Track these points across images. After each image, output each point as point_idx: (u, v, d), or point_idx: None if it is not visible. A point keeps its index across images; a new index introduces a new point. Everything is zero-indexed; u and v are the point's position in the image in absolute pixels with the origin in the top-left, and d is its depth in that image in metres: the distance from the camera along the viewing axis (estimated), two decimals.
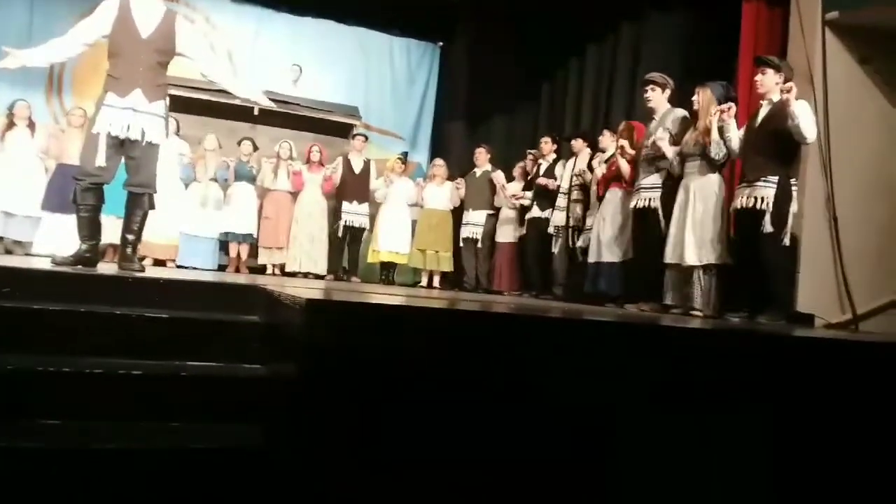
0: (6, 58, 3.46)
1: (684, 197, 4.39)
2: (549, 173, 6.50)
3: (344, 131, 7.94)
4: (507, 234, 7.01)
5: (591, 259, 5.35)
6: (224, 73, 4.04)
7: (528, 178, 6.86)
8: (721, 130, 4.21)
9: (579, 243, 5.77)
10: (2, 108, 6.62)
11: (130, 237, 3.60)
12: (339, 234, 7.24)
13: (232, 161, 6.91)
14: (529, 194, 6.69)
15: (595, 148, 6.00)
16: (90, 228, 3.52)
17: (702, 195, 4.31)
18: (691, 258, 4.27)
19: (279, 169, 7.05)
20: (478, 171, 7.38)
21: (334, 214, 7.29)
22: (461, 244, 7.34)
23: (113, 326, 2.42)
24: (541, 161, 6.73)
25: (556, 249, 6.14)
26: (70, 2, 7.67)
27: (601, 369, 2.06)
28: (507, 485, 1.93)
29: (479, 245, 7.20)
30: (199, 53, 3.74)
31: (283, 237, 7.04)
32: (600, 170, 5.57)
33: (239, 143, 7.06)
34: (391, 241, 7.34)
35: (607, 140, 5.69)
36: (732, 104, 4.25)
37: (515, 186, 7.00)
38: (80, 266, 3.37)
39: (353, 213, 7.28)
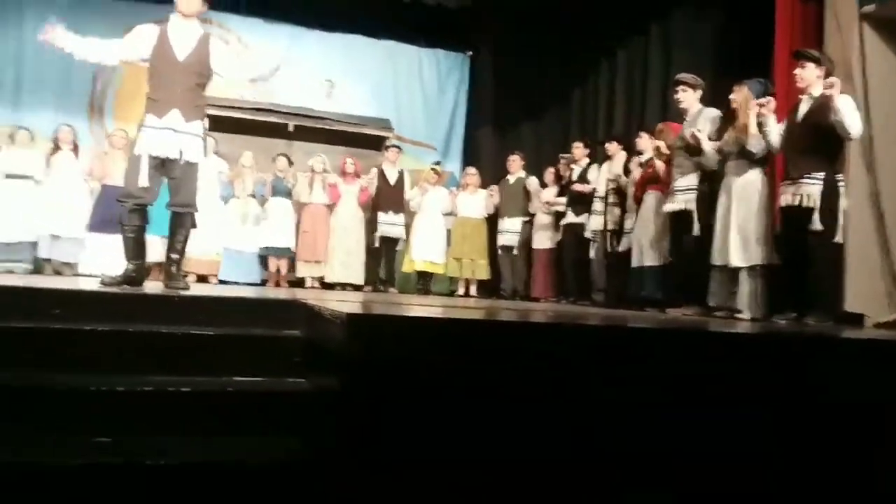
0: (53, 32, 3.54)
1: (726, 198, 4.32)
2: (583, 178, 6.47)
3: (377, 144, 8.03)
4: (543, 240, 6.99)
5: (634, 264, 5.31)
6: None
7: (562, 182, 6.84)
8: (760, 125, 4.15)
9: (620, 248, 5.73)
10: (47, 133, 6.87)
11: (175, 256, 3.68)
12: (376, 244, 7.32)
13: (269, 177, 7.04)
14: (563, 200, 6.66)
15: (630, 151, 5.95)
16: (136, 249, 3.61)
17: (744, 195, 4.23)
18: (737, 260, 4.20)
19: (314, 182, 7.16)
20: (511, 179, 7.38)
21: (370, 225, 7.37)
22: (498, 252, 7.34)
23: (161, 344, 2.48)
24: (573, 166, 6.70)
25: (593, 254, 6.11)
26: (105, 20, 7.95)
27: (643, 375, 2.05)
28: (551, 487, 1.92)
29: (516, 252, 7.20)
30: (227, 70, 3.81)
31: (321, 250, 7.14)
32: (637, 172, 5.53)
33: (274, 160, 7.19)
34: (426, 250, 7.38)
35: (644, 142, 5.62)
36: (771, 98, 4.18)
37: (549, 192, 6.98)
38: (126, 286, 3.46)
39: (389, 223, 7.36)
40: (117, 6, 7.95)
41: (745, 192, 4.23)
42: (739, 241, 4.19)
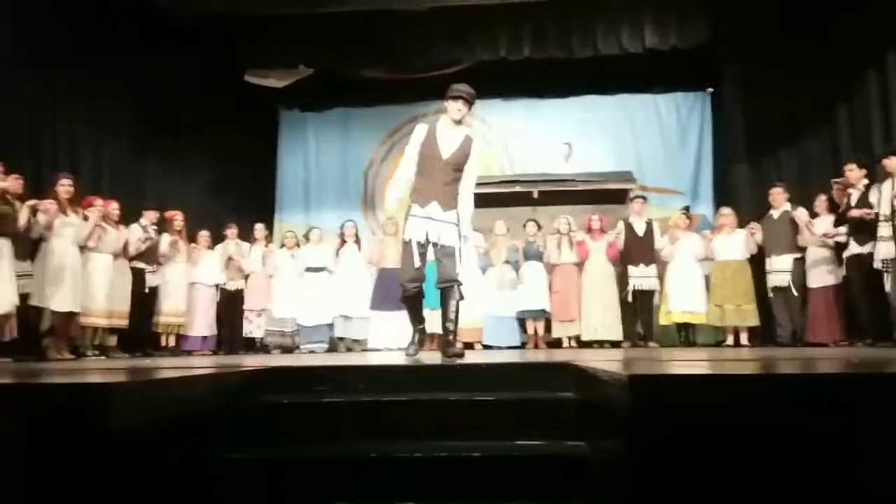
0: (391, 197, 4.17)
1: None
2: (864, 202, 5.74)
3: (620, 197, 7.98)
4: (820, 277, 6.29)
5: None
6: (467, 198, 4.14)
7: (839, 210, 6.12)
8: None
9: None
10: (332, 228, 8.02)
11: (450, 326, 3.99)
12: (629, 299, 7.18)
13: (520, 243, 7.37)
14: (843, 230, 5.94)
15: None
16: (417, 314, 4.16)
17: None
18: None
19: (562, 243, 7.31)
20: (775, 213, 6.79)
21: (622, 280, 7.27)
22: (770, 294, 6.72)
23: (450, 411, 2.71)
24: (850, 190, 5.98)
25: (889, 287, 5.33)
26: (373, 123, 9.18)
27: None
28: None
29: (792, 293, 6.53)
30: (469, 179, 4.06)
31: (574, 309, 7.19)
32: None
33: (524, 226, 7.51)
34: (684, 300, 7.06)
35: None
36: None
37: (824, 223, 6.29)
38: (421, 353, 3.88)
39: (641, 276, 7.20)
40: (383, 111, 9.13)
41: None
42: None
